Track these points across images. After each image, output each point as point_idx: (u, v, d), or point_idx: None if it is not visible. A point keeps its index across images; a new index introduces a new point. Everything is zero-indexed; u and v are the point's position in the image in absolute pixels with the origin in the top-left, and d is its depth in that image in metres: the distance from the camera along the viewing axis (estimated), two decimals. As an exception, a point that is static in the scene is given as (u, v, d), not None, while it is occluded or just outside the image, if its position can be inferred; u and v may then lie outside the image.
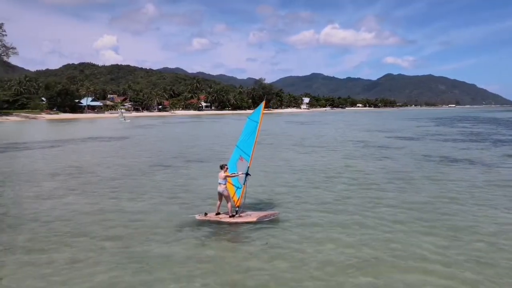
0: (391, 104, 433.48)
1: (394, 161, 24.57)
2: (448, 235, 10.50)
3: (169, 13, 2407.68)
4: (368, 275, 8.20)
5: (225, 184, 11.58)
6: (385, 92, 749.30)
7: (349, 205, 13.50)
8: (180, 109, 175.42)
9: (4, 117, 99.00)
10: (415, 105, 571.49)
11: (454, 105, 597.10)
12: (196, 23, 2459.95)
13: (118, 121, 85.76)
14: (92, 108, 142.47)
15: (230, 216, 11.59)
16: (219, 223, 11.39)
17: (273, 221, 11.58)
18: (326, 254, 9.29)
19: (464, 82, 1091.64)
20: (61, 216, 12.29)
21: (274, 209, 12.89)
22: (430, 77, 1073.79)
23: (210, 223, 11.43)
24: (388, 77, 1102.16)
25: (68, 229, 11.04)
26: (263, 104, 12.24)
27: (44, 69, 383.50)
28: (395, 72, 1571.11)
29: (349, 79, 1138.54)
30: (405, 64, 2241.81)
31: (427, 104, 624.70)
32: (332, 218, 12.01)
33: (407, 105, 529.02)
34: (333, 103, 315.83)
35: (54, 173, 20.33)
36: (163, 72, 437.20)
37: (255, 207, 13.00)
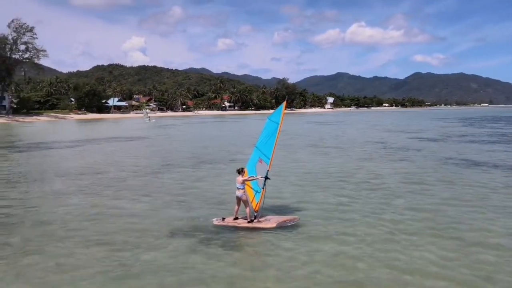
0: (419, 103, 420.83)
1: (411, 163, 23.87)
2: (453, 241, 10.04)
3: (195, 15, 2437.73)
4: (365, 277, 7.98)
5: (243, 188, 11.17)
6: (413, 91, 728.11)
7: (355, 208, 13.16)
8: (204, 109, 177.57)
9: (35, 117, 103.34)
10: (445, 105, 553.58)
11: (486, 104, 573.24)
12: (222, 24, 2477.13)
13: (142, 121, 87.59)
14: (118, 108, 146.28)
15: (248, 222, 11.18)
16: (237, 228, 11.08)
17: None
18: (324, 255, 9.08)
19: (498, 81, 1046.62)
20: (63, 215, 12.57)
21: (284, 212, 12.56)
22: (461, 75, 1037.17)
23: (213, 227, 11.24)
24: (417, 75, 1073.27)
25: (67, 228, 11.29)
26: (284, 104, 11.82)
27: (75, 70, 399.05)
28: (424, 71, 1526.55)
29: (375, 78, 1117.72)
30: (435, 62, 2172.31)
31: (458, 104, 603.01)
32: (334, 220, 11.73)
33: (436, 105, 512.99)
34: (359, 102, 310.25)
35: (70, 172, 20.96)
36: (188, 73, 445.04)
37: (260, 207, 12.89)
